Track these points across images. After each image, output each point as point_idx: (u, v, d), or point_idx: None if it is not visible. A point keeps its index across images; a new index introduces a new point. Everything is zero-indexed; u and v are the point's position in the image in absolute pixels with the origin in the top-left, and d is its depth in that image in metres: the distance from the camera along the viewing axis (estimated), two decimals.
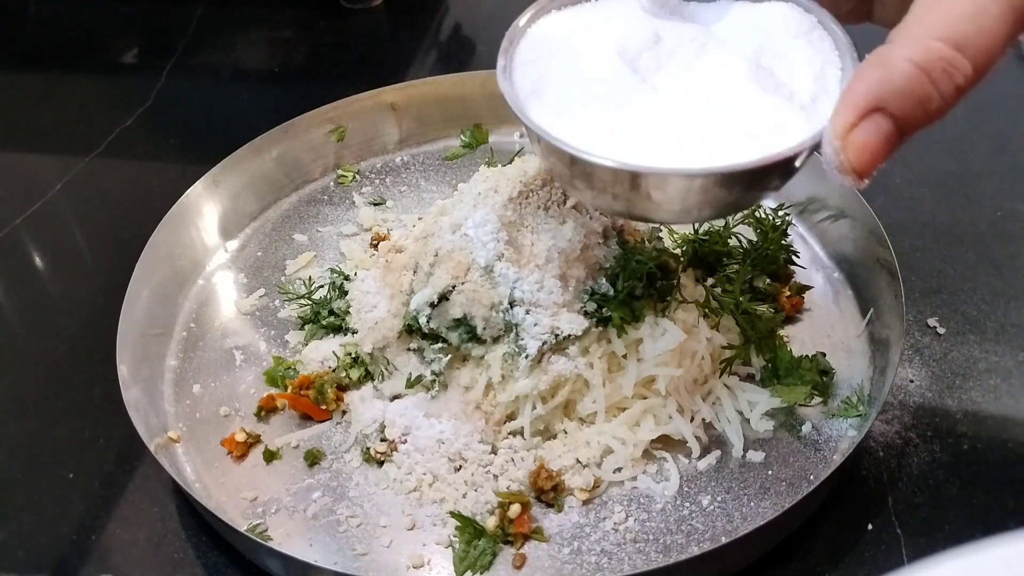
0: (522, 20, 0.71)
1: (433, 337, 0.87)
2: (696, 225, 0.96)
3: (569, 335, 0.83)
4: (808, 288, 0.96)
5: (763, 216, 0.97)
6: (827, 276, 0.99)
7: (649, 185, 0.63)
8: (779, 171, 0.63)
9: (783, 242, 0.95)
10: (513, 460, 0.83)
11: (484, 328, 0.84)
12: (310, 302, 0.97)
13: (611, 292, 0.86)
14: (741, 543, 0.73)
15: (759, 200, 0.64)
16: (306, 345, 0.95)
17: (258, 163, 1.09)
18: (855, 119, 0.55)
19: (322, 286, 0.98)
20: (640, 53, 0.66)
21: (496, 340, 0.85)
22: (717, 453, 0.84)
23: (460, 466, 0.83)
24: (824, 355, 0.89)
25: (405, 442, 0.84)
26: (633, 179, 0.63)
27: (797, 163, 0.63)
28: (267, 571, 0.78)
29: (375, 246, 1.04)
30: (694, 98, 0.65)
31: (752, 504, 0.80)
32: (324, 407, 0.88)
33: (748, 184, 0.64)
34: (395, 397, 0.88)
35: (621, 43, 0.67)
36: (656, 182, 0.63)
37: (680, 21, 0.69)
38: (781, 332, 0.92)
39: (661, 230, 0.97)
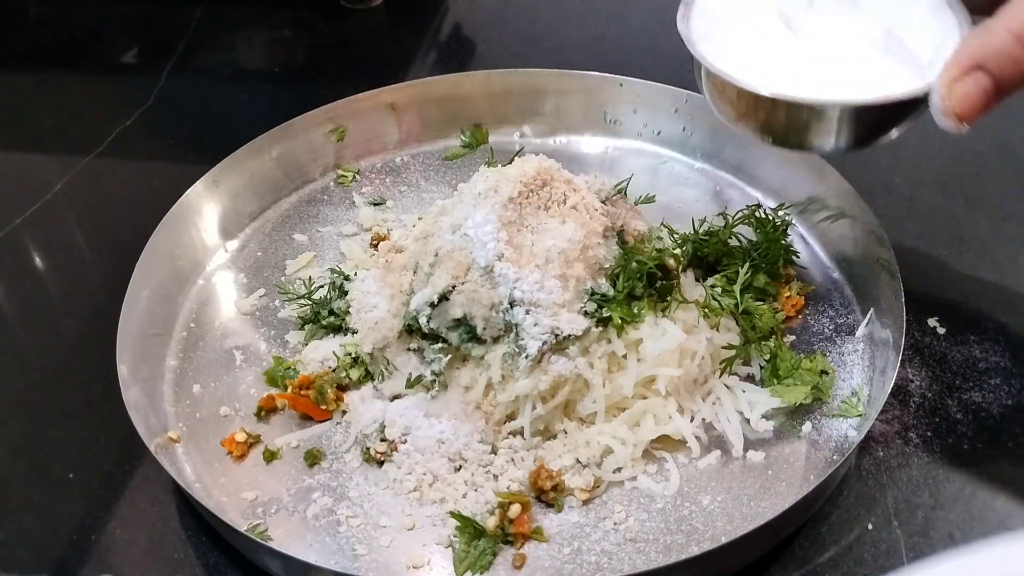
0: None
1: (433, 337, 0.87)
2: (696, 225, 0.96)
3: (569, 335, 0.83)
4: (808, 288, 0.96)
5: (763, 216, 0.97)
6: (827, 276, 0.99)
7: (787, 111, 0.77)
8: (895, 111, 0.75)
9: (783, 242, 0.95)
10: (513, 460, 0.83)
11: (484, 328, 0.84)
12: (310, 302, 0.97)
13: (611, 292, 0.86)
14: (741, 543, 0.73)
15: (875, 140, 0.79)
16: (306, 345, 0.95)
17: (258, 163, 1.09)
18: (959, 73, 0.68)
19: (322, 286, 0.98)
20: (794, 13, 0.80)
21: (496, 340, 0.85)
22: (717, 453, 0.84)
23: (460, 466, 0.83)
24: (824, 355, 0.89)
25: (405, 442, 0.84)
26: (774, 104, 0.77)
27: (908, 108, 0.75)
28: (267, 571, 0.78)
29: (375, 246, 1.04)
30: (834, 51, 0.78)
31: (752, 504, 0.80)
32: (324, 407, 0.88)
33: (868, 119, 0.76)
34: (395, 397, 0.88)
35: (780, 4, 0.81)
36: (793, 109, 0.76)
37: None
38: (781, 332, 0.92)
39: (661, 230, 0.97)
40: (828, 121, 0.76)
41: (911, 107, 0.74)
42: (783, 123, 0.78)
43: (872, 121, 0.76)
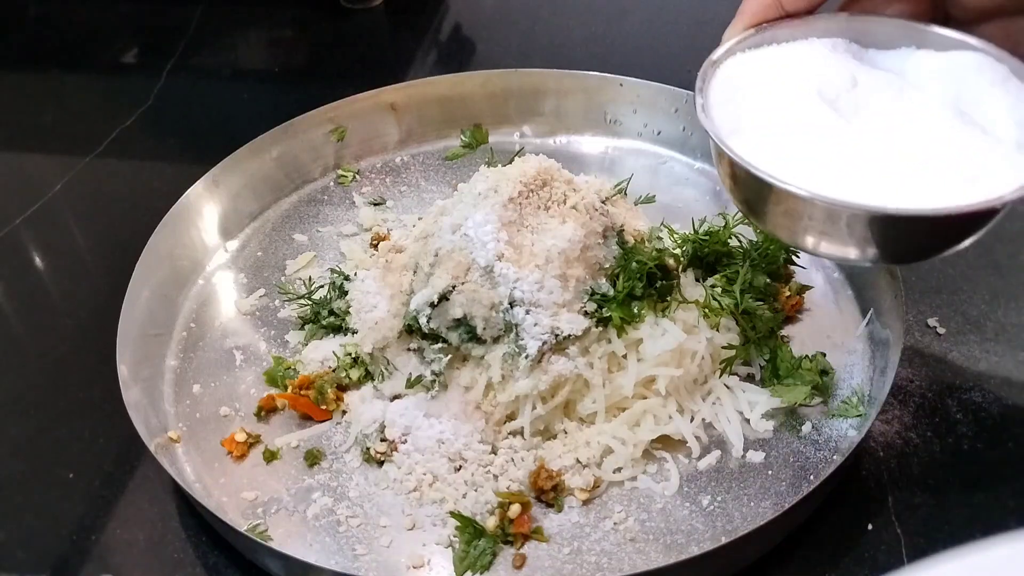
0: (713, 58, 0.72)
1: (433, 337, 0.87)
2: (696, 225, 0.96)
3: (569, 335, 0.83)
4: (808, 288, 0.96)
5: None
6: (827, 276, 0.99)
7: (870, 224, 0.62)
8: (995, 215, 0.62)
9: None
10: (513, 460, 0.83)
11: (484, 328, 0.84)
12: (310, 302, 0.97)
13: (611, 292, 0.86)
14: (741, 543, 0.73)
15: (963, 243, 0.64)
16: (306, 345, 0.95)
17: (258, 163, 1.09)
18: None
19: (322, 286, 0.98)
20: (839, 94, 0.67)
21: (496, 340, 0.85)
22: (717, 453, 0.84)
23: (460, 466, 0.83)
24: (824, 355, 0.89)
25: (405, 442, 0.84)
26: (852, 218, 0.62)
27: (1004, 208, 0.62)
28: (267, 571, 0.78)
29: (375, 246, 1.04)
30: (900, 138, 0.64)
31: (752, 504, 0.80)
32: (324, 407, 0.88)
33: (963, 227, 0.63)
34: (395, 397, 0.88)
35: (820, 84, 0.67)
36: (884, 222, 0.62)
37: (870, 67, 0.70)
38: (781, 332, 0.92)
39: (661, 230, 0.97)
40: (923, 231, 0.62)
41: (1008, 206, 0.60)
42: (877, 239, 0.63)
43: (968, 225, 0.63)
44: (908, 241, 0.64)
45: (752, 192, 0.67)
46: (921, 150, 0.63)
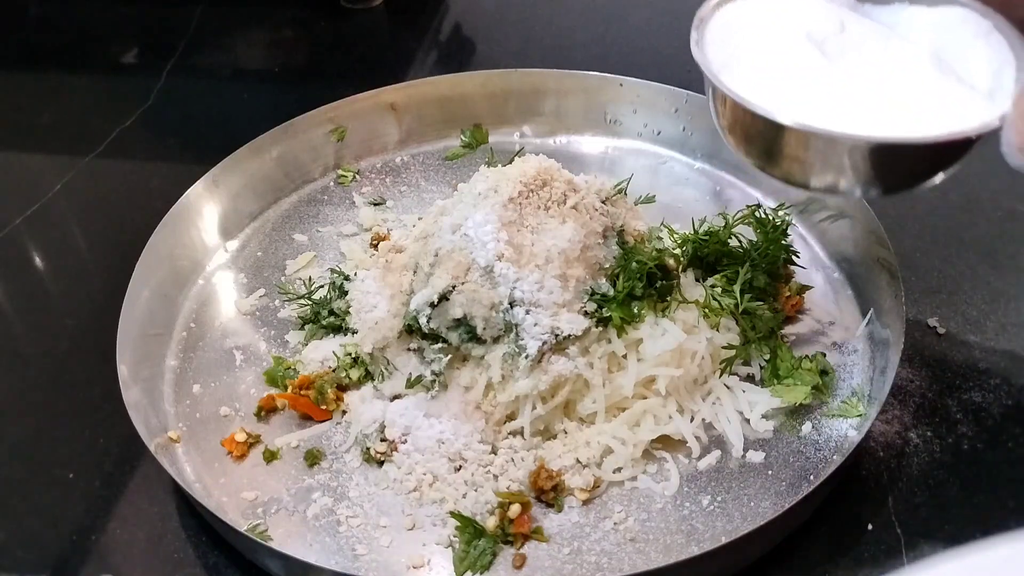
0: (712, 2, 0.76)
1: (433, 337, 0.87)
2: (696, 225, 0.96)
3: (569, 335, 0.83)
4: (808, 288, 0.96)
5: (763, 216, 0.97)
6: (827, 276, 0.99)
7: (841, 151, 0.68)
8: (960, 149, 0.68)
9: (783, 242, 0.95)
10: (513, 460, 0.83)
11: (484, 328, 0.84)
12: (310, 302, 0.97)
13: (611, 292, 0.86)
14: (741, 543, 0.73)
15: (927, 181, 0.71)
16: (306, 345, 0.95)
17: (258, 163, 1.09)
18: None
19: (322, 286, 0.98)
20: (827, 38, 0.72)
21: (496, 340, 0.85)
22: (717, 453, 0.84)
23: (460, 466, 0.83)
24: (824, 355, 0.89)
25: (405, 442, 0.84)
26: (828, 145, 0.68)
27: (970, 144, 0.68)
28: (267, 571, 0.78)
29: (375, 246, 1.04)
30: (879, 81, 0.69)
31: (752, 504, 0.80)
32: (324, 407, 0.88)
33: (927, 159, 0.70)
34: (395, 397, 0.88)
35: (809, 27, 0.72)
36: (852, 148, 0.67)
37: (862, 17, 0.75)
38: (781, 332, 0.92)
39: (661, 230, 0.97)
40: (892, 161, 0.68)
41: (973, 142, 0.66)
42: (843, 167, 0.68)
43: (935, 159, 0.69)
44: (877, 169, 0.69)
45: (738, 122, 0.72)
46: (898, 93, 0.68)
